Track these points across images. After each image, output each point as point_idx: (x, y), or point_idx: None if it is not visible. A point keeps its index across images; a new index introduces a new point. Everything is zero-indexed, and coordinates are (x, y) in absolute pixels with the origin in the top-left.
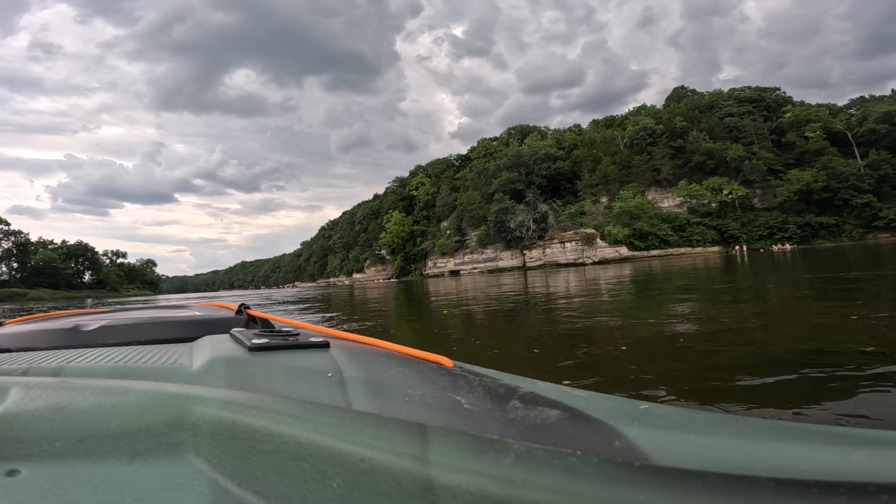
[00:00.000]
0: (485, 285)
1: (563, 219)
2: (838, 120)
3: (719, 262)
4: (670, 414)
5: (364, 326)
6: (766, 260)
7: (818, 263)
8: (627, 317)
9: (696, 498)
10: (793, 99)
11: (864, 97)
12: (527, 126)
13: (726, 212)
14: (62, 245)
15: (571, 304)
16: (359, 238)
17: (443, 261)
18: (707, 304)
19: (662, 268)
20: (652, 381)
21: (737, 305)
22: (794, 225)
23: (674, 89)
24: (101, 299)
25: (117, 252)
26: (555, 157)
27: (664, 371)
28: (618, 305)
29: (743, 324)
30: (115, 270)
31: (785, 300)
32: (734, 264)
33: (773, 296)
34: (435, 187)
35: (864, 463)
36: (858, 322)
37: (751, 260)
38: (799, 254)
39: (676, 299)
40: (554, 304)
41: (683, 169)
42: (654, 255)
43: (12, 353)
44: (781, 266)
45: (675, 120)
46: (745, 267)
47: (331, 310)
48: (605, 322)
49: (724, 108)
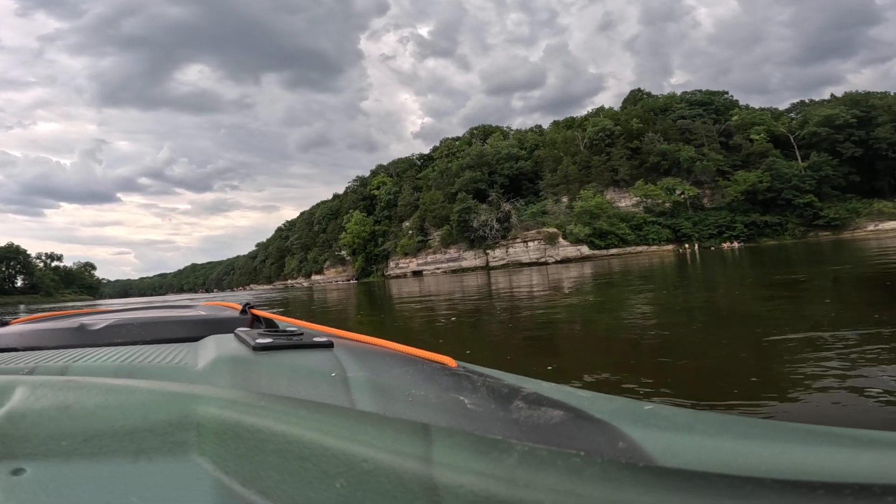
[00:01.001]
0: (449, 286)
1: (526, 218)
2: (780, 123)
3: (675, 260)
4: (675, 415)
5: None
6: (717, 258)
7: (766, 261)
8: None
9: (700, 499)
10: (739, 103)
11: (804, 101)
12: (489, 126)
13: (679, 211)
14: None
15: (555, 309)
16: (318, 238)
17: (405, 261)
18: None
19: (623, 266)
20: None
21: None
22: (741, 224)
23: (630, 92)
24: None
25: (52, 255)
26: (517, 157)
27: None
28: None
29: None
30: (49, 274)
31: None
32: (691, 262)
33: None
34: (397, 187)
35: (870, 464)
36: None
37: (703, 258)
38: (746, 251)
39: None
40: (533, 308)
41: (640, 169)
42: (613, 253)
43: (19, 352)
44: (734, 263)
45: (632, 122)
46: (701, 265)
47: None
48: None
49: (677, 110)
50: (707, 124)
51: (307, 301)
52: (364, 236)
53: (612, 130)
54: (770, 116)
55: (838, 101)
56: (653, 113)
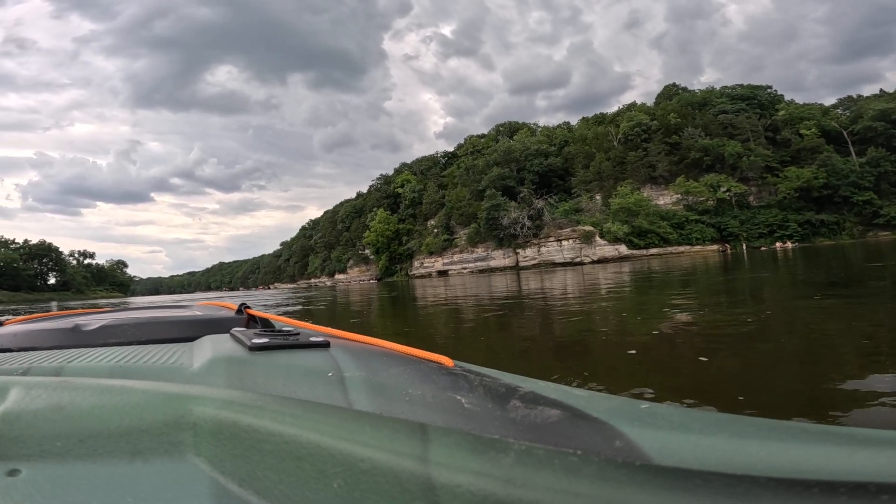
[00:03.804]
0: (476, 287)
1: (558, 216)
2: (830, 118)
3: (720, 261)
4: (671, 414)
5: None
6: (769, 259)
7: (833, 264)
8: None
9: (697, 498)
10: (784, 97)
11: (850, 97)
12: (515, 123)
13: (724, 209)
14: (24, 245)
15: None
16: (341, 237)
17: (430, 260)
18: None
19: (666, 267)
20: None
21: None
22: (794, 223)
23: (665, 87)
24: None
25: (84, 252)
26: (546, 154)
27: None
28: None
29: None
30: (81, 272)
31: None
32: (737, 263)
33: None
34: (421, 185)
35: (865, 462)
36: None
37: (751, 259)
38: (801, 252)
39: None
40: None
41: (679, 166)
42: (654, 253)
43: (13, 353)
44: (793, 266)
45: (670, 116)
46: (751, 267)
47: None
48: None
49: (717, 105)
50: (752, 119)
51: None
52: (388, 235)
53: (648, 125)
54: (819, 111)
55: (892, 94)
56: (690, 108)
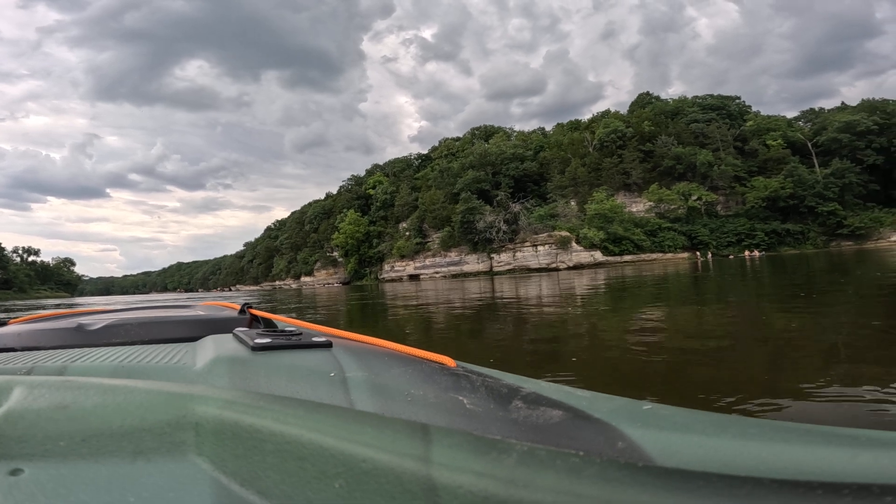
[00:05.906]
0: (448, 293)
1: (534, 221)
2: (795, 130)
3: (690, 269)
4: (674, 415)
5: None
6: (737, 268)
7: (797, 272)
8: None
9: (699, 499)
10: (752, 108)
11: (813, 109)
12: (491, 126)
13: (694, 217)
14: None
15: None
16: (309, 239)
17: (401, 264)
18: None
19: (638, 274)
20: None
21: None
22: (761, 232)
23: (638, 95)
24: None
25: (29, 249)
26: (522, 158)
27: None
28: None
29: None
30: (24, 269)
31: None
32: (705, 271)
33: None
34: (394, 186)
35: (869, 464)
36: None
37: (721, 267)
38: (768, 261)
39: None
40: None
41: (652, 173)
42: (628, 260)
43: (16, 353)
44: (760, 275)
45: (644, 124)
46: (720, 276)
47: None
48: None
49: (689, 114)
50: (722, 129)
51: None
52: (358, 237)
53: (623, 132)
54: (785, 123)
55: (855, 107)
56: (664, 116)
